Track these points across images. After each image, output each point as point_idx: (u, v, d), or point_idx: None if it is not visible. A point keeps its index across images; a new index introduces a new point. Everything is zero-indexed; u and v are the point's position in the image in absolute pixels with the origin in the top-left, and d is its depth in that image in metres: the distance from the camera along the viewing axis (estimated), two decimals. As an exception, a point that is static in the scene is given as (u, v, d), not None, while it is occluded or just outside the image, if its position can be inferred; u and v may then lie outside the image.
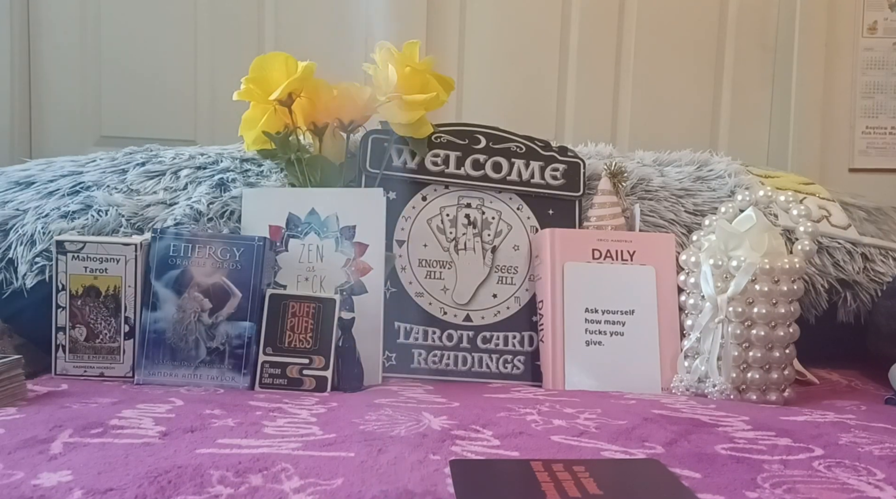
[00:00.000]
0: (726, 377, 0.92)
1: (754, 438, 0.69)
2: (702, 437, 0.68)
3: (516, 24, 1.51)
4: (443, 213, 1.10)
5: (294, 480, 0.53)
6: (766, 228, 0.96)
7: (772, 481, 0.56)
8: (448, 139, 1.12)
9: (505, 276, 1.09)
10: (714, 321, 0.93)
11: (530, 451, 0.62)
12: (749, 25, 1.54)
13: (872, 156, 1.55)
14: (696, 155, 1.28)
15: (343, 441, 0.62)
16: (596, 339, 1.01)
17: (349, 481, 0.53)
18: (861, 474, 0.58)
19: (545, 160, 1.13)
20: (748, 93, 1.55)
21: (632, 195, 1.16)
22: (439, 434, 0.66)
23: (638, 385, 0.98)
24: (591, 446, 0.64)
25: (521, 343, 1.06)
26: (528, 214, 1.12)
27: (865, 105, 1.54)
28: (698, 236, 1.02)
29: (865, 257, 1.15)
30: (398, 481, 0.53)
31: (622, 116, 1.54)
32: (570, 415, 0.76)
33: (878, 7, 1.52)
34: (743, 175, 1.22)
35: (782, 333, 0.92)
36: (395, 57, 1.04)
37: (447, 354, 1.05)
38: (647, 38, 1.53)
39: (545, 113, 1.53)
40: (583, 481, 0.50)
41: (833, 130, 1.55)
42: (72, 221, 1.05)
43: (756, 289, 0.92)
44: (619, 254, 1.05)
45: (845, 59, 1.54)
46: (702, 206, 1.16)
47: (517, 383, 1.04)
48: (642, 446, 0.65)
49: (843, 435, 0.70)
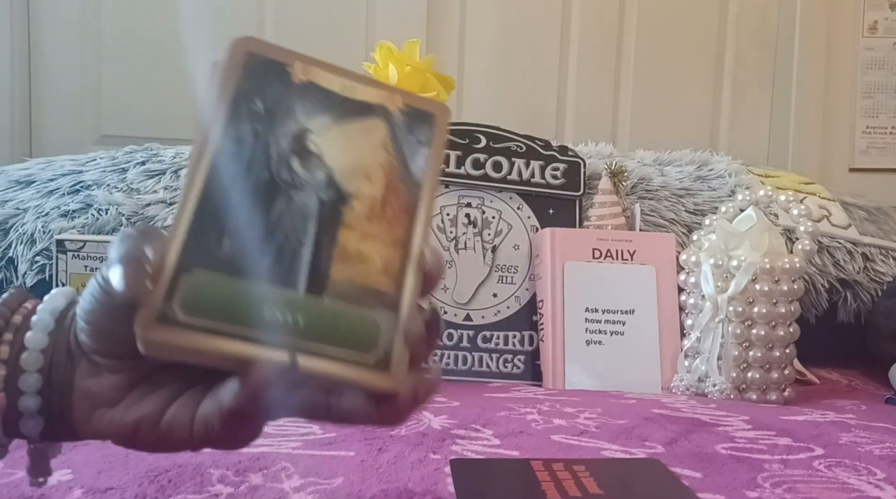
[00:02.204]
0: (726, 377, 0.92)
1: (754, 437, 0.68)
2: (702, 436, 0.68)
3: (517, 23, 1.51)
4: (443, 212, 1.10)
5: (294, 479, 0.53)
6: (767, 228, 0.96)
7: (772, 480, 0.56)
8: (448, 138, 1.11)
9: (505, 275, 1.09)
10: (714, 321, 0.93)
11: (530, 450, 0.62)
12: (749, 25, 1.54)
13: (873, 155, 1.55)
14: (697, 154, 1.28)
15: (343, 440, 0.62)
16: (596, 338, 1.01)
17: (349, 480, 0.53)
18: (861, 474, 0.58)
19: (545, 159, 1.13)
20: (748, 92, 1.55)
21: (632, 195, 1.16)
22: (439, 433, 0.66)
23: (638, 385, 0.97)
24: (592, 445, 0.64)
25: (522, 343, 1.06)
26: (529, 214, 1.11)
27: (866, 105, 1.54)
28: (698, 236, 1.02)
29: (866, 257, 1.15)
30: (398, 481, 0.53)
31: (622, 116, 1.54)
32: (571, 414, 0.76)
33: (879, 7, 1.52)
34: (743, 175, 1.22)
35: (782, 333, 0.92)
36: (395, 56, 1.04)
37: (447, 354, 1.05)
38: (648, 38, 1.53)
39: (545, 112, 1.52)
40: (583, 481, 0.50)
41: (833, 130, 1.55)
42: (72, 220, 1.05)
43: (756, 288, 0.92)
44: (620, 253, 1.05)
45: (846, 59, 1.54)
46: (702, 205, 1.16)
47: (517, 382, 1.03)
48: (642, 445, 0.65)
49: (843, 435, 0.70)
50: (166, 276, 0.32)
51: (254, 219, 0.34)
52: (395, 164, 0.37)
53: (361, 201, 0.36)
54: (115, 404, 0.35)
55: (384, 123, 0.38)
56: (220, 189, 0.34)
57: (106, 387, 0.35)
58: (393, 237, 0.36)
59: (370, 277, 0.35)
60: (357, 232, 0.35)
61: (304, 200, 0.35)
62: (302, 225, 0.35)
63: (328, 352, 0.33)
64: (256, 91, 0.37)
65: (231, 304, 0.32)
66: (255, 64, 0.37)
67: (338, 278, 0.34)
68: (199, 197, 0.34)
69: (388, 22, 1.46)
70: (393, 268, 0.35)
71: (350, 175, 0.36)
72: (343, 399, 0.34)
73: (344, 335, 0.33)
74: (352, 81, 0.39)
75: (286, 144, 0.36)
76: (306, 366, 0.32)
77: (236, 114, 0.36)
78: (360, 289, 0.34)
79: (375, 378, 0.33)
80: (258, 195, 0.35)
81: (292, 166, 0.36)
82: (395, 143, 0.38)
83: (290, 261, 0.34)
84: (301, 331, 0.33)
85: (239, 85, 0.36)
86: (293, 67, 0.38)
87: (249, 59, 0.37)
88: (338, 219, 0.35)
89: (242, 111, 0.36)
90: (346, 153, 0.37)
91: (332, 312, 0.33)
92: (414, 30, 1.44)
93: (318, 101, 0.38)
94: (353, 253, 0.35)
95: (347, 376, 0.33)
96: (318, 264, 0.34)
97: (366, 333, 0.34)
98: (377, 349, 0.33)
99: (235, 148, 0.35)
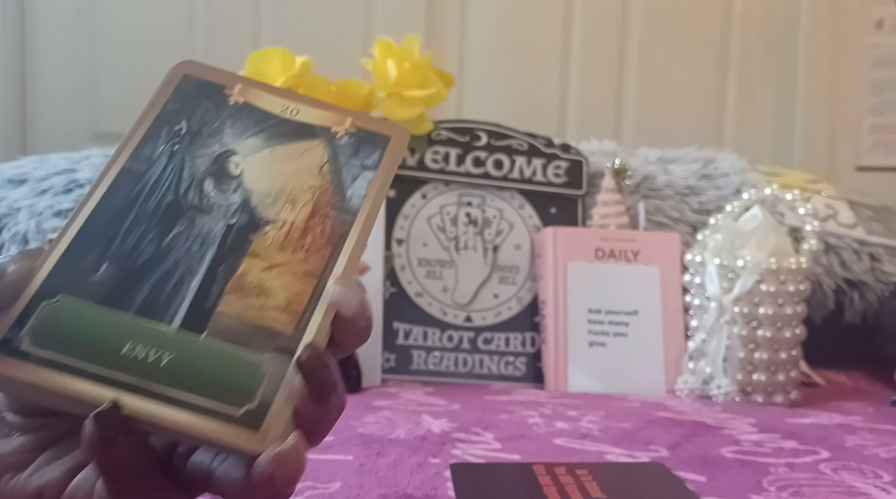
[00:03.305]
0: (732, 379, 0.91)
1: (760, 440, 0.68)
2: (707, 440, 0.67)
3: (518, 18, 1.50)
4: (443, 211, 1.09)
5: (289, 484, 0.52)
6: (773, 227, 0.95)
7: (778, 484, 0.55)
8: (448, 136, 1.10)
9: (506, 275, 1.08)
10: (719, 322, 0.92)
11: (532, 454, 0.62)
12: (754, 21, 1.53)
13: (880, 154, 1.53)
14: (702, 152, 1.27)
15: (341, 444, 0.62)
16: (599, 340, 1.00)
17: (347, 484, 0.52)
18: (868, 477, 0.57)
19: (547, 158, 1.12)
20: (754, 90, 1.54)
21: (636, 193, 1.15)
22: (439, 437, 0.65)
23: (642, 387, 0.97)
24: (595, 449, 0.64)
25: (523, 344, 1.05)
26: (530, 213, 1.10)
27: (873, 102, 1.53)
28: (703, 235, 1.01)
29: (872, 257, 1.14)
30: (397, 485, 0.52)
31: (626, 113, 1.53)
32: (573, 417, 0.76)
33: (886, 3, 1.51)
34: (749, 173, 1.21)
35: (789, 335, 0.91)
36: (394, 52, 1.03)
37: (447, 356, 1.04)
38: (651, 34, 1.52)
39: (547, 109, 1.51)
40: (586, 485, 0.50)
41: (840, 128, 1.54)
42: (66, 219, 1.04)
43: (762, 289, 0.91)
44: (623, 253, 1.04)
45: (852, 56, 1.53)
46: (707, 204, 1.15)
47: (519, 384, 1.03)
48: (646, 449, 0.64)
49: (849, 437, 0.70)
50: (23, 299, 0.29)
51: (142, 243, 0.32)
52: (328, 189, 0.35)
53: (278, 228, 0.33)
54: (23, 469, 0.31)
55: (325, 146, 0.36)
56: (113, 210, 0.32)
57: (14, 448, 0.31)
58: (306, 269, 0.32)
59: (266, 314, 0.31)
60: (264, 261, 0.32)
61: (208, 224, 0.33)
62: (198, 251, 0.32)
63: (184, 398, 0.28)
64: (183, 112, 0.36)
65: (85, 336, 0.29)
66: (189, 86, 0.37)
67: (226, 313, 0.30)
68: (88, 217, 0.32)
69: (388, 17, 1.45)
70: (298, 305, 0.31)
71: (271, 199, 0.34)
72: (225, 465, 0.28)
73: (209, 380, 0.28)
74: (296, 103, 0.37)
75: (204, 165, 0.34)
76: (149, 414, 0.27)
77: (155, 134, 0.35)
78: (250, 327, 0.30)
79: (235, 435, 0.27)
80: (155, 218, 0.32)
81: (204, 188, 0.34)
82: (334, 167, 0.36)
83: (173, 291, 0.31)
84: (159, 372, 0.28)
85: (166, 106, 0.36)
86: (232, 89, 0.37)
87: (184, 82, 0.37)
88: (243, 246, 0.32)
89: (162, 132, 0.35)
90: (272, 176, 0.34)
91: (204, 351, 0.29)
92: (413, 25, 1.42)
93: (253, 122, 0.36)
94: (252, 285, 0.31)
95: (198, 430, 0.27)
96: (205, 296, 0.31)
97: (241, 379, 0.29)
98: (252, 400, 0.28)
99: (143, 168, 0.34)
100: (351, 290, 0.31)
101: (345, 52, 1.35)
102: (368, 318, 0.31)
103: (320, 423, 0.29)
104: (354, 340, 0.32)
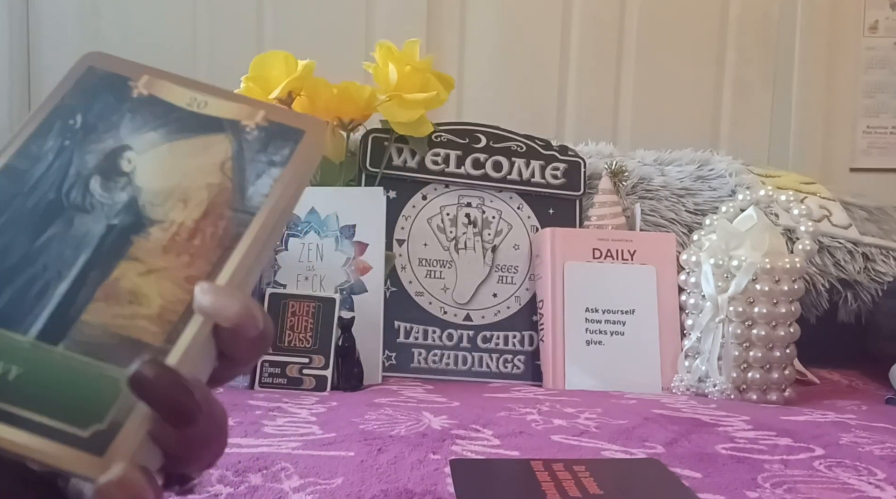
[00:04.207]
0: (727, 377, 0.92)
1: (755, 437, 0.68)
2: (702, 437, 0.68)
3: (517, 22, 1.51)
4: (443, 212, 1.10)
5: (294, 479, 0.52)
6: (767, 228, 0.96)
7: (772, 480, 0.56)
8: (448, 138, 1.11)
9: (505, 275, 1.09)
10: (715, 321, 0.92)
11: (530, 450, 0.62)
12: (750, 24, 1.54)
13: (874, 155, 1.54)
14: (697, 154, 1.28)
15: (343, 440, 0.62)
16: (596, 338, 1.01)
17: (349, 480, 0.53)
18: (862, 474, 0.58)
19: (546, 159, 1.13)
20: (749, 92, 1.55)
21: (632, 194, 1.16)
22: (439, 434, 0.66)
23: (638, 385, 0.97)
24: (592, 445, 0.64)
25: (522, 343, 1.06)
26: (529, 214, 1.11)
27: (867, 104, 1.54)
28: (699, 236, 1.02)
29: (866, 257, 1.15)
30: (398, 481, 0.53)
31: (623, 115, 1.54)
32: (571, 415, 0.76)
33: (880, 6, 1.52)
34: (744, 174, 1.21)
35: (783, 333, 0.92)
36: (395, 55, 1.04)
37: (447, 354, 1.05)
38: (648, 37, 1.53)
39: (546, 112, 1.52)
40: (583, 481, 0.50)
41: (834, 130, 1.54)
42: None
43: (757, 288, 0.92)
44: (620, 253, 1.04)
45: (847, 59, 1.54)
46: (703, 205, 1.16)
47: (517, 382, 1.03)
48: (643, 445, 0.65)
49: (843, 435, 0.70)
50: None
51: (12, 245, 0.29)
52: (227, 187, 0.32)
53: (164, 229, 0.30)
54: None
55: (230, 141, 0.33)
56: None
57: None
58: (188, 274, 0.29)
59: (135, 323, 0.28)
60: (142, 266, 0.29)
61: (88, 225, 0.30)
62: (72, 254, 0.29)
63: (29, 417, 0.25)
64: (81, 106, 0.33)
65: None
66: (91, 79, 0.34)
67: (90, 322, 0.27)
68: None
69: (388, 22, 1.46)
70: (172, 314, 0.28)
71: (161, 198, 0.31)
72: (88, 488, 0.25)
73: (58, 398, 0.26)
74: (205, 95, 0.35)
75: (93, 161, 0.32)
76: None
77: (46, 130, 0.32)
78: (115, 337, 0.27)
79: (77, 459, 0.24)
80: (32, 218, 0.30)
81: (90, 187, 0.31)
82: (238, 163, 0.33)
83: (35, 297, 0.28)
84: (4, 388, 0.25)
85: (63, 100, 0.33)
86: (137, 81, 0.35)
87: (87, 74, 0.35)
88: (122, 249, 0.29)
89: (55, 126, 0.33)
90: (166, 174, 0.32)
91: (57, 365, 0.26)
92: (414, 29, 1.43)
93: (155, 116, 0.34)
94: (124, 291, 0.28)
95: (40, 453, 0.24)
96: (70, 303, 0.28)
97: (94, 397, 0.26)
98: (102, 421, 0.25)
99: (27, 165, 0.31)
100: (227, 297, 0.28)
101: (346, 55, 1.35)
102: (257, 326, 0.28)
103: (187, 446, 0.26)
104: (248, 353, 0.28)
